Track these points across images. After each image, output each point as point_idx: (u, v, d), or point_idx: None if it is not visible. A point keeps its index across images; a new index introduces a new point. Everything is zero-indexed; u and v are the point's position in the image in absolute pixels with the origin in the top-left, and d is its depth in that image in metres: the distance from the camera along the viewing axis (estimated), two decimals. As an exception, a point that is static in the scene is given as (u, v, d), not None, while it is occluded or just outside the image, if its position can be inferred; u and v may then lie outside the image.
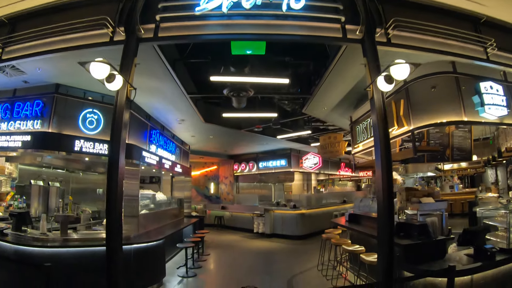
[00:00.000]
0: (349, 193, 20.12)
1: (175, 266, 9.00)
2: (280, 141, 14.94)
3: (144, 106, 9.01)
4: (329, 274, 8.04)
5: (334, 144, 11.64)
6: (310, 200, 15.37)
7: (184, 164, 13.74)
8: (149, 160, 8.92)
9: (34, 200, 8.99)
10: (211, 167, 20.99)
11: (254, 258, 10.96)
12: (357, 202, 8.76)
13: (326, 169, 20.27)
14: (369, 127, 8.06)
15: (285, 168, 17.64)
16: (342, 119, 10.58)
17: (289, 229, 14.35)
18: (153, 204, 10.05)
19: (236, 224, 17.38)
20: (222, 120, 11.17)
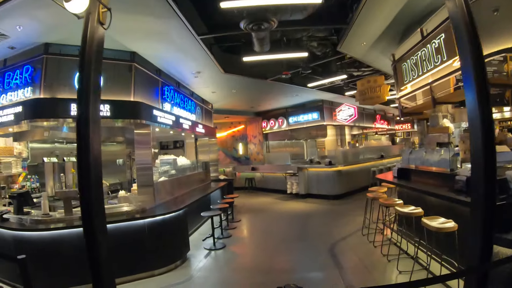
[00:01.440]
0: (387, 148, 19.00)
1: (202, 237, 8.12)
2: (311, 92, 13.55)
3: (151, 58, 7.85)
4: (377, 240, 6.99)
5: (375, 89, 10.14)
6: (346, 155, 14.26)
7: (207, 124, 12.67)
8: (162, 119, 7.83)
9: (49, 179, 8.49)
10: (238, 126, 19.93)
11: (289, 223, 9.92)
12: (405, 155, 7.44)
13: (361, 122, 18.92)
14: (420, 62, 6.61)
15: (318, 121, 16.31)
16: (382, 59, 9.08)
17: (325, 188, 13.38)
18: (175, 170, 9.17)
19: (268, 186, 16.63)
20: (245, 69, 9.96)
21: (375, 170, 14.82)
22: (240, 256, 7.20)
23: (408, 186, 6.41)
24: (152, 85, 8.05)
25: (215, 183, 11.89)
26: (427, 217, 4.80)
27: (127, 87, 7.00)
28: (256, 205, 13.24)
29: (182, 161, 10.19)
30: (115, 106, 6.61)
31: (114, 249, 5.39)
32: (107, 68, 6.79)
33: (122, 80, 7.00)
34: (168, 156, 9.88)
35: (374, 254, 6.38)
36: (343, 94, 14.69)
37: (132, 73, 7.08)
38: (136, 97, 7.05)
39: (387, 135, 26.11)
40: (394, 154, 18.66)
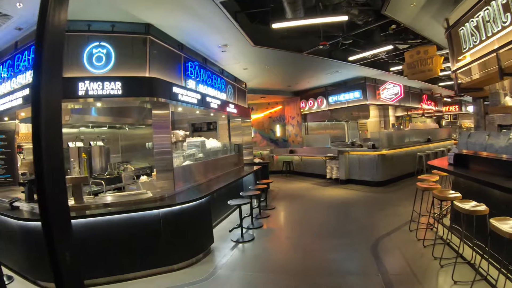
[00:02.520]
0: (434, 131, 17.63)
1: (232, 226, 7.41)
2: (352, 68, 12.43)
3: (170, 31, 7.09)
4: (427, 238, 5.99)
5: (425, 60, 8.90)
6: (390, 138, 13.14)
7: (240, 104, 11.90)
8: (185, 98, 7.13)
9: (75, 164, 8.24)
10: (275, 107, 19.03)
11: (327, 212, 9.04)
12: (463, 139, 6.34)
13: (406, 102, 17.50)
14: (482, 25, 5.43)
15: (360, 101, 15.13)
16: (434, 25, 7.83)
17: (367, 174, 12.42)
18: (203, 153, 8.54)
19: (307, 170, 15.91)
20: (277, 41, 9.07)
21: (421, 155, 13.88)
22: (269, 251, 6.43)
23: (472, 177, 5.23)
24: (173, 61, 7.34)
25: (249, 167, 11.18)
26: (496, 219, 3.78)
27: (142, 63, 6.32)
28: (293, 191, 12.48)
29: (212, 143, 9.56)
30: (127, 83, 5.97)
31: (125, 241, 5.25)
32: (118, 43, 6.24)
33: (136, 55, 6.33)
34: (196, 139, 9.29)
35: (424, 257, 5.41)
36: (387, 71, 13.42)
37: (147, 46, 6.38)
38: (152, 73, 6.36)
39: (434, 118, 24.58)
40: (442, 138, 17.47)
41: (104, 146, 9.41)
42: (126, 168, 9.05)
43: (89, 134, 9.37)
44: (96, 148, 9.10)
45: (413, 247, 5.91)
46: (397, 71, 13.32)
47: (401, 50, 10.63)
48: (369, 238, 6.54)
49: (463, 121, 26.97)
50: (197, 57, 8.59)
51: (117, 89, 5.87)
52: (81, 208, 5.33)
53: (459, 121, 26.75)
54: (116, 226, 5.22)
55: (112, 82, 5.88)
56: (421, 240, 6.05)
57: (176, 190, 6.38)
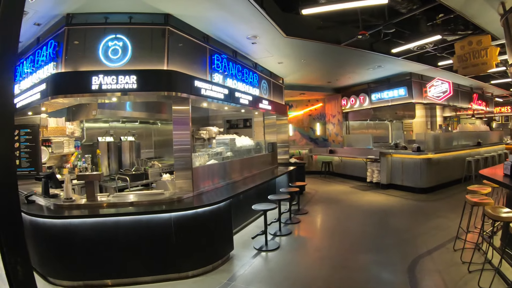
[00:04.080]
0: (484, 133, 16.19)
1: (257, 232, 6.90)
2: (396, 62, 11.55)
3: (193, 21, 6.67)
4: (474, 262, 5.19)
5: (479, 52, 7.93)
6: (437, 141, 12.12)
7: (276, 100, 11.37)
8: (209, 92, 6.70)
9: (104, 158, 8.45)
10: (315, 104, 18.35)
11: (364, 221, 8.34)
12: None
13: (455, 101, 16.28)
14: None
15: (405, 99, 14.12)
16: (488, 11, 6.85)
17: (410, 179, 11.54)
18: (232, 151, 8.15)
19: (346, 171, 15.25)
20: (312, 32, 8.44)
21: (470, 160, 12.81)
22: (293, 264, 5.82)
23: None
24: (197, 53, 6.95)
25: (284, 167, 10.66)
26: None
27: (160, 55, 5.95)
28: (329, 194, 11.82)
29: (243, 141, 9.16)
30: (143, 76, 5.65)
31: (133, 245, 5.04)
32: (135, 35, 5.95)
33: (155, 48, 5.99)
34: (226, 136, 8.90)
35: (468, 285, 4.62)
36: (435, 66, 12.38)
37: (166, 38, 6.01)
38: (171, 66, 5.98)
39: (484, 119, 23.03)
40: (493, 142, 16.14)
41: (134, 141, 9.40)
42: (153, 164, 8.84)
43: (120, 129, 9.34)
44: (126, 143, 9.13)
45: (456, 271, 5.15)
46: (446, 66, 12.29)
47: (450, 41, 9.69)
48: (407, 255, 5.85)
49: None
50: (226, 50, 8.15)
51: (132, 83, 5.58)
52: (92, 206, 5.16)
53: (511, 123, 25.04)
54: (124, 228, 4.97)
55: (127, 76, 5.59)
56: (466, 263, 5.26)
57: (195, 192, 6.00)
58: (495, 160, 14.16)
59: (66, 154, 8.20)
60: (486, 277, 4.59)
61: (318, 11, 6.75)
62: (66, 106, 7.49)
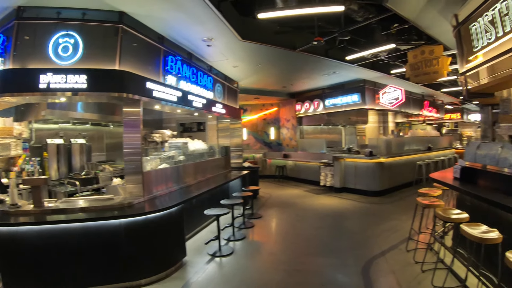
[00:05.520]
0: (435, 139, 17.16)
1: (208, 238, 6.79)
2: (351, 69, 11.86)
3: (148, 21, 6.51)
4: (426, 262, 5.44)
5: (431, 62, 8.31)
6: (389, 145, 12.61)
7: (230, 104, 11.36)
8: (161, 95, 6.57)
9: (53, 162, 8.00)
10: (270, 109, 18.54)
11: (318, 224, 8.49)
12: (471, 149, 5.81)
13: (407, 108, 16.98)
14: (499, 19, 4.76)
15: (358, 104, 14.53)
16: (441, 22, 7.27)
17: (363, 183, 11.93)
18: (184, 155, 8.02)
19: (300, 175, 15.49)
20: (267, 36, 8.50)
21: (421, 163, 13.48)
22: (247, 269, 5.81)
23: (487, 199, 4.45)
24: (150, 54, 6.81)
25: (238, 172, 10.63)
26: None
27: (112, 54, 5.75)
28: (283, 198, 11.96)
29: (196, 145, 9.05)
30: (94, 76, 5.42)
31: (83, 253, 4.84)
32: (87, 33, 5.69)
33: (107, 46, 5.78)
34: (178, 139, 8.80)
35: (422, 285, 4.84)
36: (388, 73, 12.86)
37: (119, 37, 5.83)
38: (123, 66, 5.80)
39: (435, 125, 24.22)
40: (443, 146, 17.09)
41: (85, 144, 9.04)
42: (104, 168, 8.56)
43: (71, 130, 8.93)
44: (76, 146, 8.73)
45: (410, 271, 5.36)
46: (398, 74, 12.79)
47: (404, 50, 10.07)
48: (361, 257, 6.01)
49: (464, 130, 26.68)
50: (181, 52, 8.05)
51: (82, 82, 5.34)
52: (38, 213, 4.91)
53: (460, 129, 26.40)
54: (73, 235, 4.76)
55: (77, 75, 5.33)
56: (419, 263, 5.51)
57: (146, 197, 5.85)
58: (445, 164, 14.99)
59: (13, 157, 7.71)
60: (439, 275, 4.83)
61: (274, 16, 6.80)
62: (14, 105, 7.01)
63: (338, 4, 6.53)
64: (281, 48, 8.85)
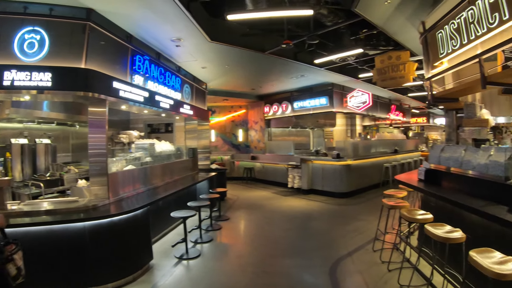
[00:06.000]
0: (401, 141, 17.65)
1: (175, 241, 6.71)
2: (319, 73, 12.06)
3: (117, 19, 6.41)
4: (392, 261, 5.57)
5: (397, 67, 8.56)
6: (356, 148, 12.90)
7: (198, 105, 11.30)
8: (128, 95, 6.47)
9: (17, 162, 7.60)
10: (238, 111, 18.60)
11: (286, 225, 8.56)
12: (435, 152, 6.00)
13: (374, 111, 17.43)
14: (465, 27, 4.93)
15: (326, 107, 14.80)
16: (408, 29, 7.53)
17: (330, 184, 12.10)
18: (151, 156, 7.90)
19: (268, 177, 15.54)
20: (237, 38, 8.55)
21: (388, 166, 13.85)
22: (215, 272, 5.78)
23: (450, 200, 4.64)
24: (118, 53, 6.68)
25: (206, 173, 10.56)
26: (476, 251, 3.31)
27: (79, 52, 5.60)
28: (251, 200, 11.97)
29: (163, 146, 8.94)
30: (59, 74, 5.27)
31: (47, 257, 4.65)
32: (54, 29, 5.50)
33: (74, 44, 5.61)
34: (145, 141, 8.68)
35: (388, 284, 4.97)
36: (356, 78, 13.17)
37: (86, 34, 5.68)
38: (90, 65, 5.66)
39: (401, 128, 24.93)
40: (409, 149, 17.57)
41: (51, 144, 8.70)
42: (70, 169, 8.33)
43: (35, 130, 8.58)
44: (41, 146, 8.38)
45: (376, 271, 5.49)
46: (366, 79, 13.12)
47: (371, 55, 10.31)
48: (328, 258, 6.10)
49: (430, 133, 27.59)
50: (149, 51, 7.95)
51: (47, 80, 5.18)
52: None
53: (426, 133, 27.26)
54: (37, 239, 4.60)
55: (42, 73, 5.17)
56: (385, 262, 5.65)
57: (111, 199, 5.73)
58: (411, 166, 15.43)
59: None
60: (405, 274, 4.97)
61: (243, 18, 6.84)
62: (-23, 103, 6.79)
63: (308, 8, 6.64)
64: (250, 50, 8.90)
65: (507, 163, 4.16)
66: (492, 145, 5.94)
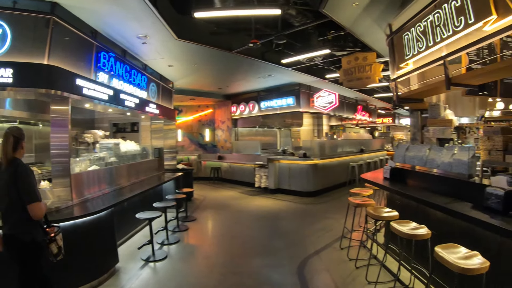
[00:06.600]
0: (367, 141, 18.06)
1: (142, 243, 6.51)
2: (287, 73, 12.13)
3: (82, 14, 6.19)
4: (360, 258, 5.67)
5: (364, 68, 8.73)
6: (323, 148, 13.09)
7: (164, 105, 11.13)
8: (92, 92, 6.26)
9: None
10: (205, 110, 18.47)
11: (253, 225, 8.59)
12: (400, 151, 6.15)
13: (341, 111, 17.73)
14: (431, 30, 5.01)
15: (293, 107, 14.92)
16: (375, 30, 7.67)
17: (297, 184, 12.19)
18: (116, 156, 7.70)
19: (235, 177, 15.51)
20: (204, 37, 8.47)
21: (354, 165, 14.08)
22: (184, 273, 5.69)
23: (415, 198, 4.79)
24: (82, 49, 6.43)
25: (172, 174, 10.40)
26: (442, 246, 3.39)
27: (42, 47, 5.35)
28: (218, 200, 11.90)
29: (128, 146, 8.76)
30: (21, 70, 5.04)
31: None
32: (17, 23, 5.23)
33: (37, 39, 5.36)
34: (109, 140, 8.48)
35: (357, 281, 5.05)
36: (323, 78, 13.31)
37: (50, 29, 5.46)
38: (53, 61, 5.43)
39: (368, 128, 25.45)
40: (375, 149, 17.97)
41: None
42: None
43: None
44: None
45: (344, 268, 5.57)
46: (333, 79, 13.27)
47: (338, 56, 10.43)
48: (296, 257, 6.12)
49: (396, 133, 28.38)
50: (115, 48, 7.75)
51: (8, 77, 4.93)
52: None
53: (392, 133, 27.97)
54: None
55: (2, 68, 4.92)
56: (353, 260, 5.74)
57: (75, 200, 5.52)
58: (377, 165, 15.80)
59: None
60: (372, 271, 5.05)
61: (211, 16, 6.81)
62: None
63: (276, 7, 6.64)
64: (218, 49, 8.84)
65: (471, 161, 4.32)
66: (456, 145, 6.12)
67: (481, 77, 5.16)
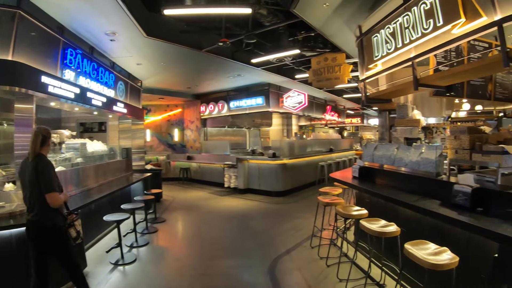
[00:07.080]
0: (336, 141, 18.27)
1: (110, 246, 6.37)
2: (256, 73, 12.18)
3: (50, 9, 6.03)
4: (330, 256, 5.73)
5: (333, 68, 8.83)
6: (292, 147, 13.14)
7: (132, 104, 10.91)
8: (58, 90, 6.04)
9: None
10: (174, 110, 18.30)
11: (223, 226, 8.50)
12: (369, 150, 6.26)
13: (310, 112, 17.99)
14: (400, 32, 5.08)
15: (262, 107, 14.99)
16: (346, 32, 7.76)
17: (267, 183, 12.21)
18: (82, 157, 7.48)
19: (204, 177, 15.40)
20: (174, 35, 8.37)
21: (323, 164, 14.21)
22: (154, 275, 5.55)
23: (383, 196, 4.92)
24: (49, 45, 6.20)
25: (140, 174, 10.20)
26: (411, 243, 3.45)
27: (6, 42, 5.12)
28: (188, 201, 11.76)
29: (95, 146, 8.52)
30: (-18, 66, 4.80)
31: None
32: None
33: (1, 33, 5.11)
34: (76, 140, 8.20)
35: (328, 279, 5.09)
36: (293, 78, 13.41)
37: (15, 23, 5.22)
38: (18, 57, 5.20)
39: (336, 128, 25.85)
40: (344, 148, 18.21)
41: None
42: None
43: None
44: None
45: (315, 267, 5.59)
46: (302, 79, 13.35)
47: (308, 57, 10.50)
48: (267, 257, 6.10)
49: (364, 133, 28.95)
50: (82, 45, 7.53)
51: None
52: None
53: (360, 132, 28.52)
54: None
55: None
56: (324, 258, 5.77)
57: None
58: (346, 164, 16.02)
59: None
60: (343, 269, 5.10)
61: (181, 13, 6.74)
62: None
63: (247, 6, 6.63)
64: (187, 47, 8.76)
65: (438, 160, 4.45)
66: (423, 144, 6.27)
67: (448, 78, 5.29)
